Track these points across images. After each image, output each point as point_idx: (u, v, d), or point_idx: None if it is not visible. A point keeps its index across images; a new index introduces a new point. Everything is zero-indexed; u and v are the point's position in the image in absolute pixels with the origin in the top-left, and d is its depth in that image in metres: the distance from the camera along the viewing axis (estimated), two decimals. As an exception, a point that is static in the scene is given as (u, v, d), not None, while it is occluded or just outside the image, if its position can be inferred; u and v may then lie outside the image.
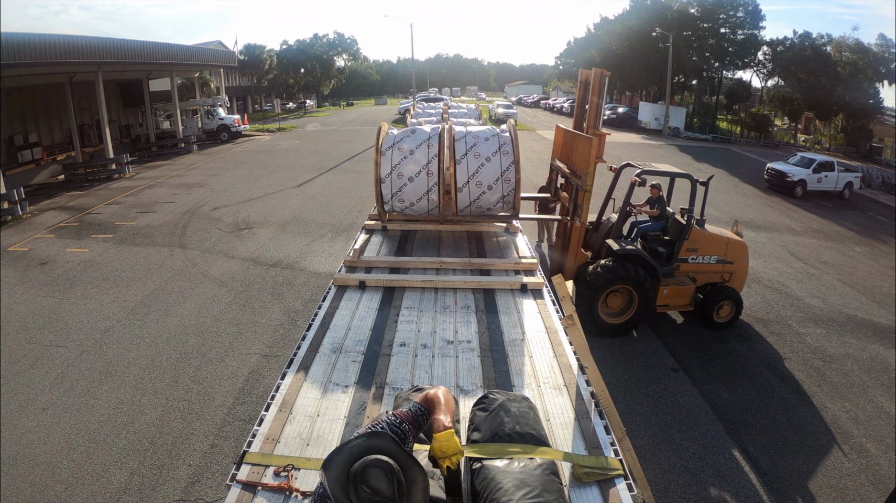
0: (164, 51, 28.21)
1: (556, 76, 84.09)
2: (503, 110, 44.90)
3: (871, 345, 9.34)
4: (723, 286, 9.17)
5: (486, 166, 6.69)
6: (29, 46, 19.10)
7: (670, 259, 8.97)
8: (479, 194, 6.76)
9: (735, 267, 9.22)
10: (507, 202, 6.77)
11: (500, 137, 6.80)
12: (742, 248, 9.28)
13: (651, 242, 9.20)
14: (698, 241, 8.97)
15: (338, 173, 22.88)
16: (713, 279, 9.22)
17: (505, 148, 6.74)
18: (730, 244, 9.17)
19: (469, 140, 6.69)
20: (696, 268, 9.11)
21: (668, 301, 9.07)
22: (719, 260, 9.12)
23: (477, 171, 6.65)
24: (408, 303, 4.68)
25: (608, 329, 8.80)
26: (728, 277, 9.24)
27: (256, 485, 2.64)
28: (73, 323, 9.52)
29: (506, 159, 6.69)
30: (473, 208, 6.88)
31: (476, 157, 6.69)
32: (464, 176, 6.65)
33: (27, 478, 5.89)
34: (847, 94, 37.83)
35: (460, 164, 6.59)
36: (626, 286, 8.61)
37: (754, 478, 6.06)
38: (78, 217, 16.75)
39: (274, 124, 43.75)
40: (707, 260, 9.05)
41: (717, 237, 9.15)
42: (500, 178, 6.75)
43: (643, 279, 8.51)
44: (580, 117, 9.55)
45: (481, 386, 3.51)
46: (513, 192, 6.67)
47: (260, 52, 61.59)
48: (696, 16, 45.69)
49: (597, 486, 2.65)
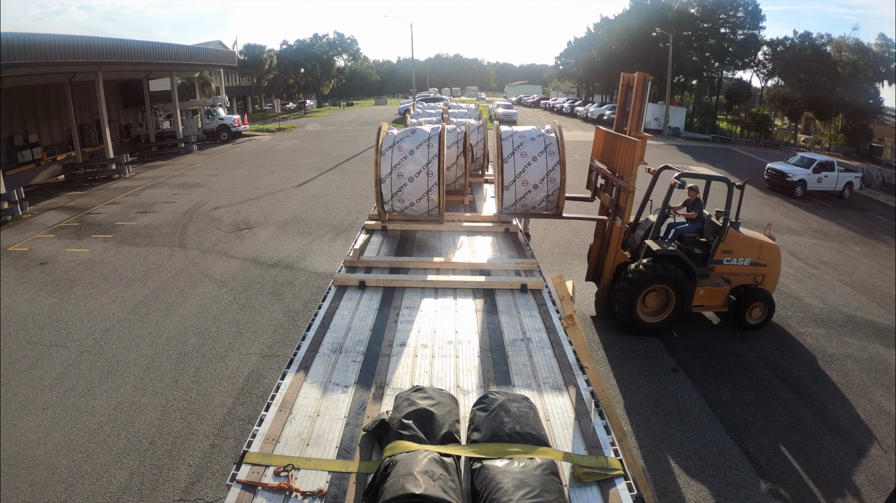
0: (164, 51, 28.21)
1: (556, 76, 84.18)
2: (503, 110, 44.92)
3: (871, 345, 9.34)
4: (756, 288, 9.30)
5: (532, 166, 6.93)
6: (29, 46, 19.10)
7: (706, 260, 9.12)
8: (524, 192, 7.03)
9: (768, 269, 9.35)
10: (552, 201, 7.02)
11: (545, 137, 7.03)
12: (775, 251, 9.42)
13: (687, 244, 9.35)
14: (733, 244, 9.11)
15: (338, 173, 22.89)
16: (746, 281, 9.36)
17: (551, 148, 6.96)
18: (763, 247, 9.31)
19: (516, 139, 6.91)
20: (730, 269, 9.26)
21: (704, 301, 9.21)
22: (753, 262, 9.26)
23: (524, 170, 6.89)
24: (408, 304, 4.68)
25: (646, 328, 8.99)
26: (760, 280, 9.37)
27: (256, 485, 2.64)
28: (73, 323, 9.52)
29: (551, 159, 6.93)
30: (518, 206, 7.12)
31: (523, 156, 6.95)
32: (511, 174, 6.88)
33: (27, 478, 5.89)
34: (847, 94, 37.84)
35: (507, 162, 6.85)
36: (665, 286, 8.80)
37: (754, 478, 6.06)
38: (78, 217, 16.75)
39: (274, 124, 43.77)
40: (741, 262, 9.20)
41: (751, 240, 9.30)
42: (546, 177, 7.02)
43: (681, 279, 8.71)
44: (621, 120, 9.62)
45: (481, 386, 3.51)
46: (557, 192, 6.90)
47: (260, 52, 61.62)
48: (696, 16, 45.71)
49: (597, 486, 2.65)
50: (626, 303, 8.79)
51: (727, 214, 8.99)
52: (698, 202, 9.51)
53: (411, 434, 2.70)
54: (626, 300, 8.78)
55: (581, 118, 50.04)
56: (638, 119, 8.85)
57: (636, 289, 8.72)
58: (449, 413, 2.93)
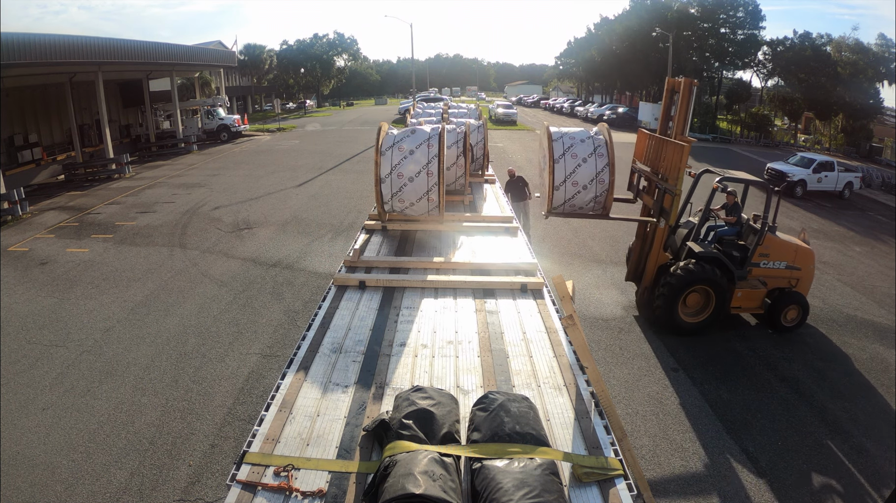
0: (164, 51, 28.21)
1: (556, 76, 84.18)
2: (503, 110, 44.90)
3: (871, 345, 9.34)
4: (791, 291, 9.43)
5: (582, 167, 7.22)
6: (29, 46, 19.11)
7: (744, 263, 9.26)
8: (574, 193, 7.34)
9: (802, 273, 9.49)
10: (599, 202, 7.30)
11: (595, 139, 7.28)
12: (810, 256, 9.55)
13: (726, 246, 9.49)
14: (770, 247, 9.26)
15: (338, 173, 22.89)
16: (781, 284, 9.48)
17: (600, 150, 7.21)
18: (798, 251, 9.44)
19: (566, 141, 7.18)
20: (766, 272, 9.38)
21: (741, 303, 9.33)
22: (788, 266, 9.39)
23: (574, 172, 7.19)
24: (408, 303, 4.68)
25: (686, 328, 9.14)
26: (795, 283, 9.50)
27: (256, 485, 2.64)
28: (73, 323, 9.52)
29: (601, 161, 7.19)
30: (566, 206, 7.44)
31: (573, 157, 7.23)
32: (561, 175, 7.18)
33: (27, 478, 5.89)
34: (847, 94, 37.83)
35: (558, 163, 7.16)
36: (705, 287, 8.94)
37: (754, 478, 6.06)
38: (78, 217, 16.75)
39: (274, 124, 43.77)
40: (777, 265, 9.34)
41: (787, 244, 9.43)
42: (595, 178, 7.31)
43: (721, 281, 8.87)
44: (665, 124, 9.75)
45: (481, 386, 3.51)
46: (605, 193, 7.16)
47: (260, 52, 61.63)
48: (696, 16, 45.71)
49: (597, 486, 2.65)
50: (667, 303, 8.96)
51: (765, 218, 9.14)
52: (737, 206, 9.72)
53: (411, 434, 2.70)
54: (668, 300, 8.95)
55: (581, 118, 50.01)
56: (683, 124, 8.96)
57: (678, 290, 8.87)
58: (449, 413, 2.93)
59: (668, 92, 9.67)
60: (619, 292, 10.90)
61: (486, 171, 10.13)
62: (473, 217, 7.22)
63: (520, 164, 24.82)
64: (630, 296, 10.66)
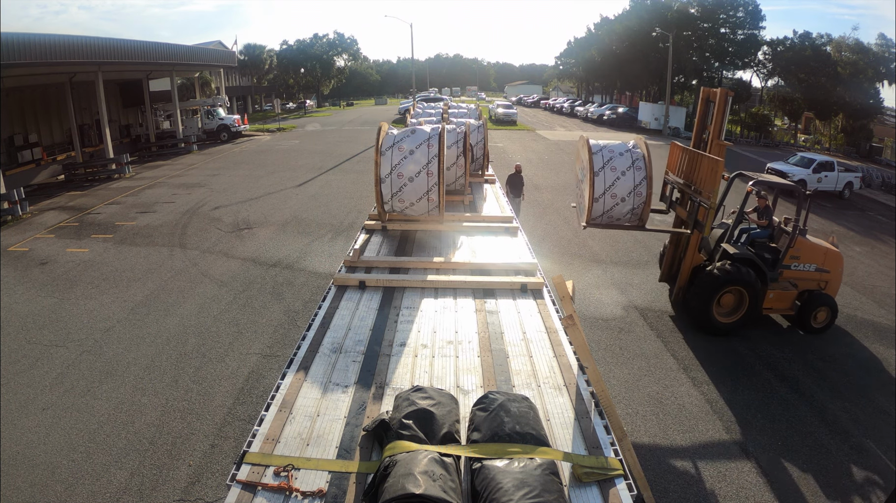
0: (164, 51, 28.21)
1: (556, 76, 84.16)
2: (503, 110, 44.90)
3: (871, 345, 9.34)
4: (820, 293, 9.52)
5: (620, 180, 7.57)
6: (29, 46, 19.10)
7: (775, 265, 9.37)
8: (612, 205, 7.66)
9: (831, 276, 9.62)
10: (636, 214, 7.62)
11: (633, 153, 7.57)
12: (838, 259, 9.68)
13: (758, 248, 9.58)
14: (801, 250, 9.39)
15: (338, 173, 22.89)
16: (811, 286, 9.58)
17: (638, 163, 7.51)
18: (828, 254, 9.56)
19: (606, 154, 7.49)
20: (797, 274, 9.50)
21: (773, 304, 9.46)
22: (818, 268, 9.52)
23: (613, 184, 7.53)
24: (408, 303, 4.68)
25: (720, 327, 9.23)
26: (824, 285, 9.61)
27: (256, 485, 2.65)
28: (73, 323, 9.52)
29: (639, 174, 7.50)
30: (604, 217, 7.84)
31: (612, 170, 7.58)
32: (601, 187, 7.53)
33: (27, 478, 5.89)
34: (847, 94, 37.83)
35: (598, 176, 7.51)
36: (739, 288, 9.03)
37: (754, 478, 6.06)
38: (78, 217, 16.75)
39: (274, 124, 43.77)
40: (807, 268, 9.48)
41: (817, 247, 9.56)
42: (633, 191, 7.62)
43: (755, 282, 8.97)
44: (699, 135, 9.84)
45: (481, 386, 3.51)
46: (642, 205, 7.47)
47: (260, 52, 61.62)
48: (696, 16, 45.70)
49: (597, 486, 2.65)
50: (702, 304, 9.06)
51: (797, 222, 9.25)
52: (768, 209, 9.84)
53: (411, 434, 2.70)
54: (703, 300, 9.05)
55: (581, 118, 50.05)
56: (718, 135, 9.05)
57: (713, 291, 8.97)
58: (449, 413, 2.93)
59: (703, 101, 9.81)
60: (619, 292, 10.90)
61: (486, 171, 10.13)
62: (473, 217, 7.23)
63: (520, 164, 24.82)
64: (630, 297, 10.66)
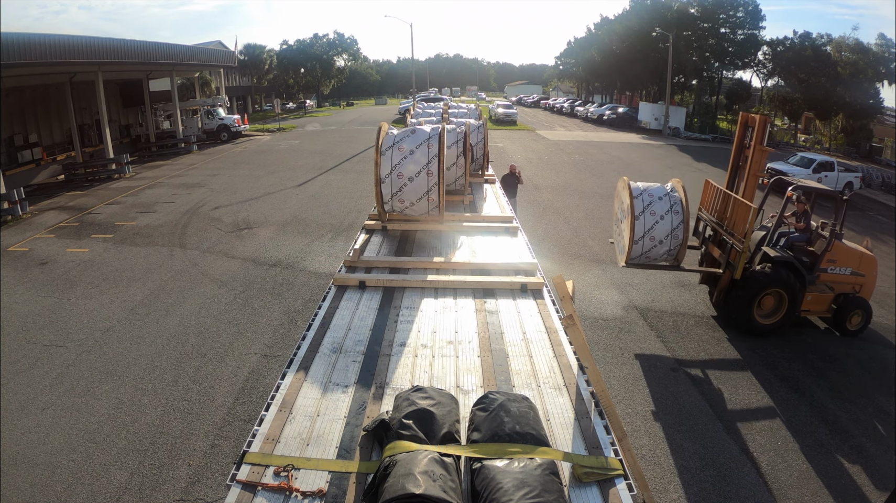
0: (164, 51, 28.21)
1: (556, 76, 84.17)
2: (503, 110, 44.90)
3: (871, 345, 9.35)
4: (855, 296, 9.62)
5: (659, 223, 8.26)
6: (29, 46, 19.10)
7: (813, 268, 9.45)
8: (651, 247, 8.44)
9: (866, 279, 9.72)
10: (672, 254, 8.47)
11: (671, 197, 8.28)
12: (873, 263, 9.78)
13: (796, 252, 9.69)
14: (837, 254, 9.50)
15: (338, 173, 22.89)
16: (846, 289, 9.68)
17: (676, 208, 8.20)
18: (863, 258, 9.67)
19: (646, 198, 8.29)
20: (833, 278, 9.60)
21: (810, 307, 9.55)
22: (853, 272, 9.62)
23: (652, 228, 8.23)
24: (408, 303, 4.68)
25: (760, 329, 9.33)
26: (859, 289, 9.70)
27: (256, 485, 2.65)
28: (73, 323, 9.52)
29: (676, 218, 8.19)
30: (643, 258, 8.57)
31: (652, 215, 8.27)
32: (640, 231, 8.22)
33: (27, 478, 5.89)
34: (847, 94, 37.82)
35: (638, 219, 8.21)
36: (779, 290, 9.13)
37: (754, 478, 6.06)
38: (78, 217, 16.75)
39: (274, 124, 43.77)
40: (843, 271, 9.60)
41: (853, 251, 9.69)
42: (671, 234, 8.30)
43: (794, 284, 9.09)
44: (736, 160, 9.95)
45: (481, 386, 3.51)
46: (679, 247, 8.35)
47: (260, 52, 61.59)
48: (696, 16, 45.69)
49: (597, 486, 2.65)
50: (744, 305, 9.14)
51: (835, 226, 9.39)
52: (806, 213, 9.93)
53: (411, 434, 2.70)
54: (744, 302, 9.13)
55: (581, 118, 50.07)
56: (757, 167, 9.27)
57: (754, 293, 9.05)
58: (449, 413, 2.93)
59: (741, 126, 9.92)
60: (619, 292, 10.90)
61: (486, 171, 10.13)
62: (473, 217, 7.23)
63: (520, 164, 24.82)
64: (630, 296, 10.66)
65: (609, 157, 27.79)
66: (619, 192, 9.18)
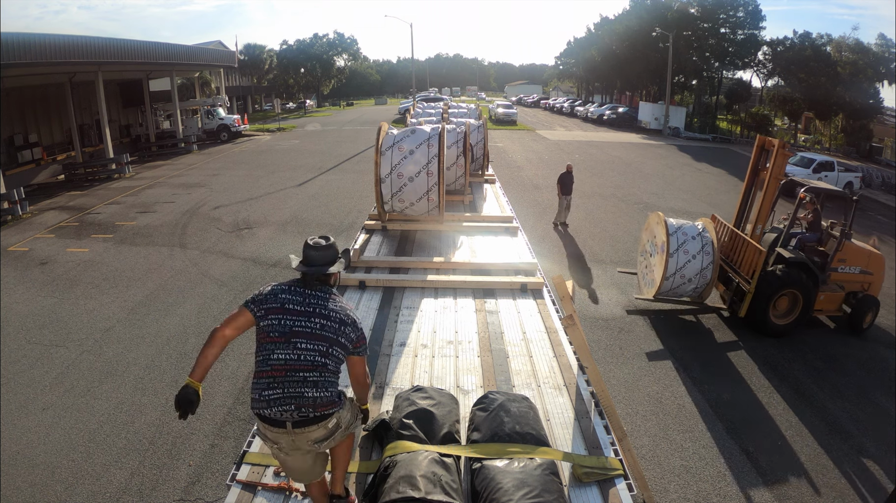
0: (164, 51, 28.19)
1: (556, 76, 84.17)
2: (503, 110, 44.90)
3: (871, 345, 9.34)
4: (866, 295, 9.73)
5: (691, 262, 8.85)
6: (29, 46, 19.09)
7: (824, 268, 9.54)
8: (679, 284, 9.04)
9: (874, 277, 9.81)
10: (698, 292, 9.25)
11: (703, 237, 9.02)
12: (881, 261, 9.87)
13: (807, 252, 9.75)
14: (847, 253, 9.59)
15: (338, 173, 22.89)
16: (855, 288, 9.77)
17: (706, 248, 8.80)
18: (871, 256, 9.76)
19: (680, 237, 8.92)
20: (843, 277, 9.68)
21: (823, 306, 9.64)
22: (862, 270, 9.71)
23: (683, 266, 8.84)
24: (408, 303, 4.68)
25: (776, 329, 9.38)
26: (867, 287, 9.81)
27: (256, 485, 2.65)
28: (73, 323, 9.52)
29: (706, 259, 8.90)
30: (670, 293, 9.25)
31: (685, 253, 8.86)
32: (673, 268, 8.83)
33: (27, 478, 5.89)
34: (847, 94, 37.80)
35: (672, 257, 8.82)
36: (794, 290, 9.20)
37: (754, 478, 6.06)
38: (78, 217, 16.75)
39: (274, 124, 43.76)
40: (852, 270, 9.68)
41: (862, 250, 9.77)
42: (700, 273, 8.97)
43: (809, 284, 9.19)
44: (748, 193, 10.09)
45: (481, 386, 3.51)
46: (706, 285, 9.09)
47: (260, 52, 61.56)
48: (696, 16, 45.68)
49: (597, 486, 2.65)
50: (760, 307, 9.19)
51: (845, 226, 9.47)
52: (817, 212, 9.97)
53: (411, 434, 2.70)
54: (761, 303, 9.17)
55: (581, 118, 50.06)
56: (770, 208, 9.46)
57: (770, 294, 9.08)
58: (449, 413, 2.93)
59: (757, 149, 10.02)
60: (619, 292, 10.90)
61: (486, 171, 10.14)
62: (473, 217, 7.23)
63: (520, 164, 24.83)
64: (630, 296, 10.66)
65: (609, 157, 27.79)
66: (651, 226, 9.46)
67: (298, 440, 2.33)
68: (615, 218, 16.20)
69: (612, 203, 17.95)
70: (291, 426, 2.29)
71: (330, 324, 2.41)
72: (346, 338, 2.44)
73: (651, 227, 9.57)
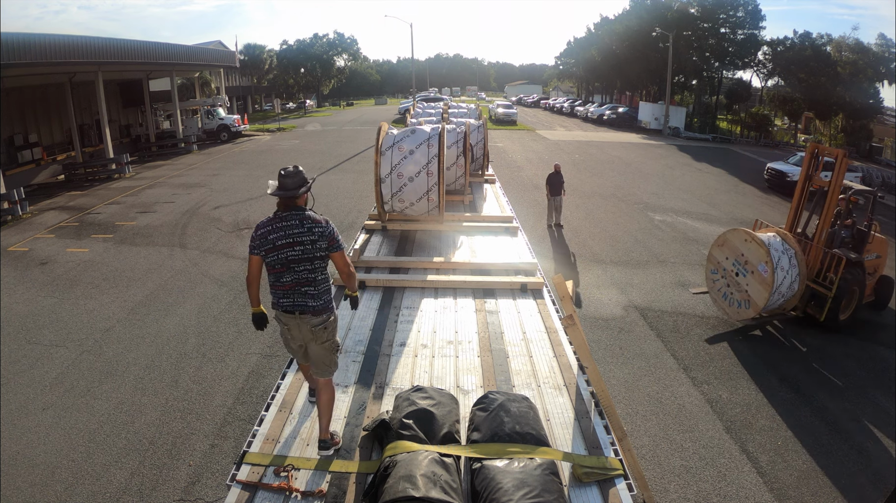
0: (164, 51, 28.18)
1: (556, 76, 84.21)
2: (503, 110, 44.88)
3: (871, 345, 9.34)
4: (882, 276, 10.50)
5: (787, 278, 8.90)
6: (29, 46, 19.09)
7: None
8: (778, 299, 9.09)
9: (882, 260, 10.54)
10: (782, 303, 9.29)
11: (788, 250, 9.05)
12: (885, 244, 10.61)
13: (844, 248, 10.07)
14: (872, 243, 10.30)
15: (338, 173, 22.89)
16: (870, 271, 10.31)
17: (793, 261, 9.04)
18: (880, 242, 10.49)
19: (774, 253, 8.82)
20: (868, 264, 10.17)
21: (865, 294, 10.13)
22: (876, 255, 10.44)
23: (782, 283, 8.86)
24: (408, 303, 4.68)
25: (842, 325, 9.73)
26: (876, 269, 10.46)
27: (256, 485, 2.65)
28: (73, 323, 9.52)
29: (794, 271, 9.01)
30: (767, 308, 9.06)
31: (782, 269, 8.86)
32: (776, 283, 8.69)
33: (27, 478, 5.89)
34: (847, 94, 37.82)
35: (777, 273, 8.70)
36: (857, 287, 9.69)
37: (754, 478, 6.06)
38: (78, 217, 16.75)
39: (274, 124, 43.75)
40: (871, 257, 10.33)
41: (876, 237, 10.44)
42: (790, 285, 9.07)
43: (864, 279, 9.84)
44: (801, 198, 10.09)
45: (481, 386, 3.51)
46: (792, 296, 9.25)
47: (260, 52, 61.58)
48: (696, 16, 45.70)
49: (597, 486, 2.65)
50: (835, 305, 9.47)
51: (871, 220, 10.16)
52: (850, 211, 10.48)
53: (411, 434, 2.71)
54: (836, 302, 9.45)
55: (581, 118, 50.04)
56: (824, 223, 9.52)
57: (845, 293, 9.43)
58: (449, 413, 2.93)
59: (809, 155, 10.06)
60: (619, 292, 10.90)
61: (486, 171, 10.14)
62: (473, 217, 7.23)
63: (519, 164, 24.83)
64: (630, 296, 10.66)
65: (609, 157, 27.79)
66: (734, 243, 9.42)
67: (301, 324, 3.19)
68: (615, 218, 16.20)
69: (612, 203, 17.94)
70: (298, 313, 3.20)
71: (308, 245, 3.16)
72: (322, 248, 3.19)
73: (733, 244, 9.46)
